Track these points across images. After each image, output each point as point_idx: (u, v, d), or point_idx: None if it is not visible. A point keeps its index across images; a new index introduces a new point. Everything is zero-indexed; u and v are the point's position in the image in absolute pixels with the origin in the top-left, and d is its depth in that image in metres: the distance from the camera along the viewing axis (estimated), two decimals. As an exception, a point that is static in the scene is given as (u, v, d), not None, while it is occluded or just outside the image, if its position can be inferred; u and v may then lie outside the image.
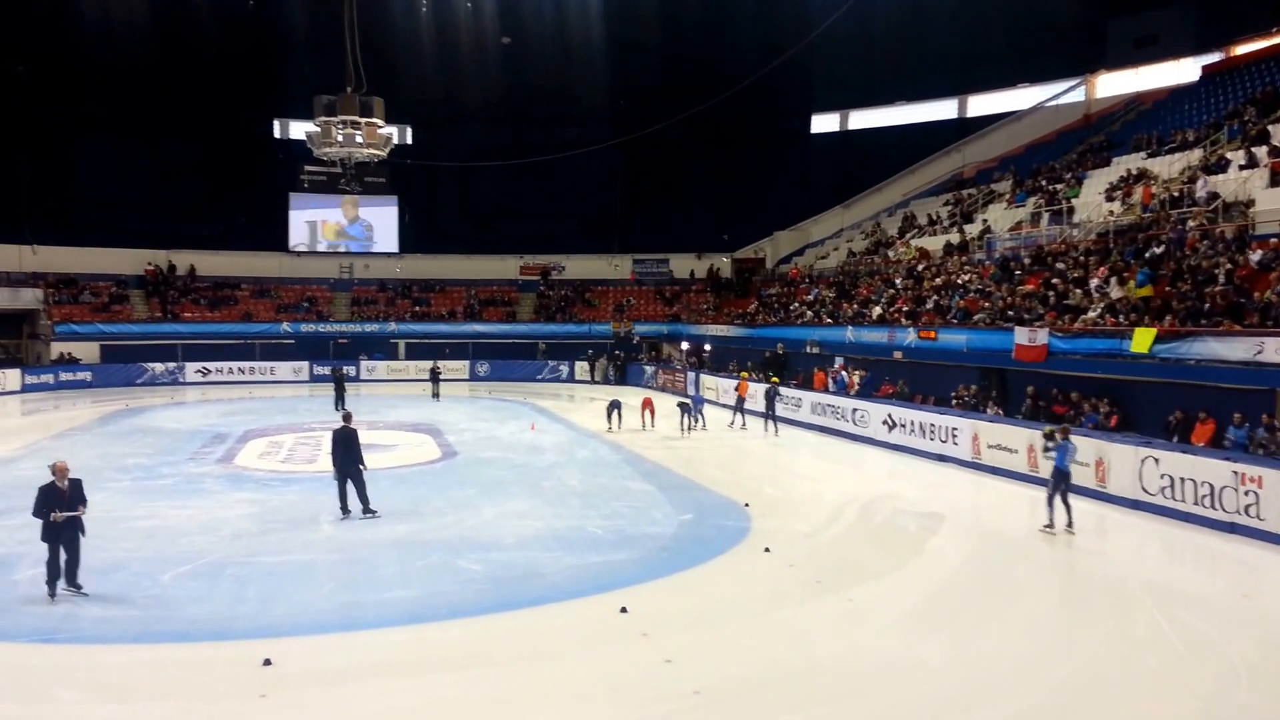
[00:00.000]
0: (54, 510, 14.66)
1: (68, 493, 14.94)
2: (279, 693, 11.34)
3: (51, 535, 14.78)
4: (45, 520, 14.74)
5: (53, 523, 14.70)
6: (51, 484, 14.88)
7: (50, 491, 14.84)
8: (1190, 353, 23.80)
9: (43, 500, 14.77)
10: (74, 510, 14.89)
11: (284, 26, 59.58)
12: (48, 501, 14.75)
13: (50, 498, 14.79)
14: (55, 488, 14.86)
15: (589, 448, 31.92)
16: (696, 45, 61.82)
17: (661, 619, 14.00)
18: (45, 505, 14.73)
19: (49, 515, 14.68)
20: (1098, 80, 53.47)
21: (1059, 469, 19.79)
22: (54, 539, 14.78)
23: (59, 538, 14.80)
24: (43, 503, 14.75)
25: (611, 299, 66.62)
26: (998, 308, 32.51)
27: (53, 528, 14.73)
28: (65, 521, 14.76)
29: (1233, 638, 13.36)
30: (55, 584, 14.83)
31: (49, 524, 14.73)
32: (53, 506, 14.69)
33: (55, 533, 14.77)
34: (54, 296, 57.90)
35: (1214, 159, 33.33)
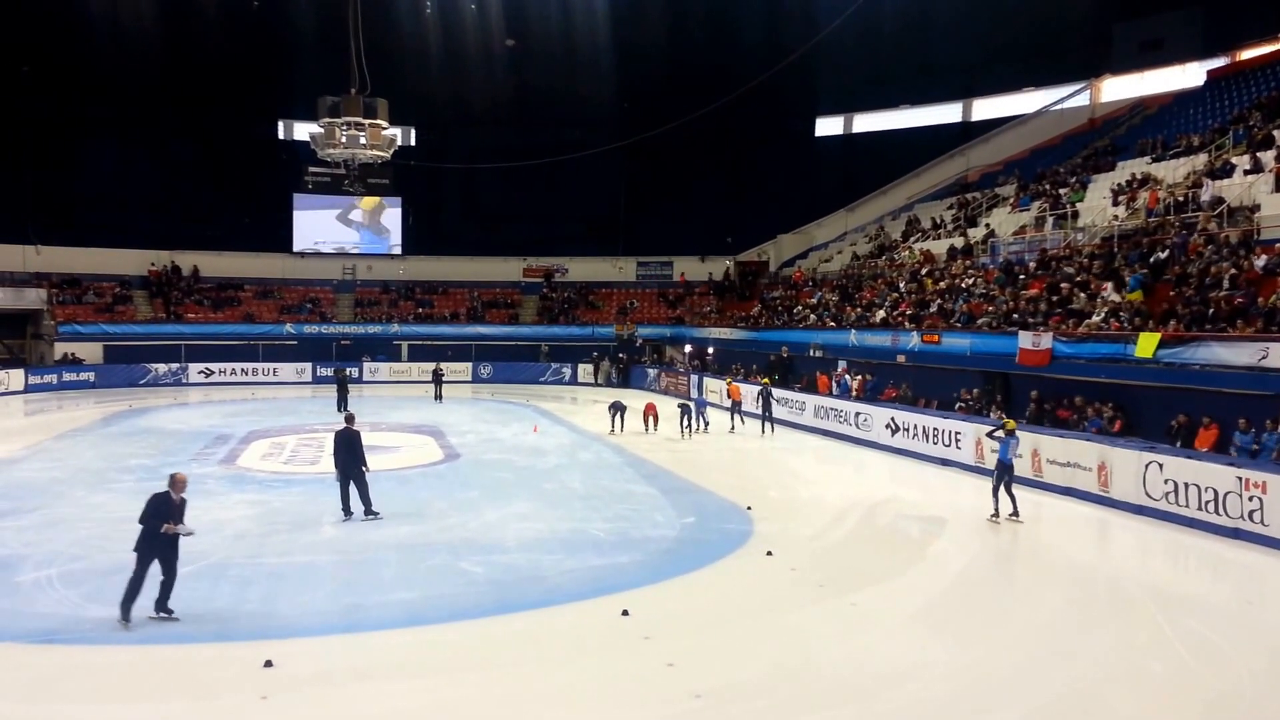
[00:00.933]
0: (166, 522, 13.70)
1: (180, 507, 14.04)
2: (280, 694, 11.32)
3: (149, 548, 13.66)
4: (154, 531, 13.66)
5: (161, 535, 13.64)
6: (166, 494, 13.89)
7: (165, 501, 13.82)
8: (1194, 358, 23.79)
9: (155, 510, 13.71)
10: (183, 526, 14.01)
11: (288, 27, 59.51)
12: (160, 512, 13.71)
13: (163, 508, 13.76)
14: (170, 499, 13.87)
15: (591, 450, 31.90)
16: (701, 47, 61.75)
17: (664, 622, 13.98)
18: (158, 515, 13.67)
19: (160, 526, 13.64)
20: (1103, 84, 53.44)
21: (1002, 461, 21.02)
22: (150, 553, 13.65)
23: (156, 552, 13.69)
24: (154, 512, 13.69)
25: (615, 301, 66.64)
26: (1001, 312, 32.48)
27: (153, 540, 13.64)
28: (169, 538, 13.76)
29: (1237, 644, 13.32)
30: (132, 605, 13.60)
31: (154, 535, 13.67)
32: (165, 518, 13.70)
33: (155, 546, 13.69)
34: (58, 297, 57.92)
35: (1219, 164, 33.29)
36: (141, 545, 13.64)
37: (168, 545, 13.73)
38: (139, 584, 13.59)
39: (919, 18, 57.29)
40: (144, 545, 13.64)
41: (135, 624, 13.56)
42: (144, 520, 13.66)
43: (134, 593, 13.57)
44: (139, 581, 13.59)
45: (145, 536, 13.64)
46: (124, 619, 13.52)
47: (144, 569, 13.61)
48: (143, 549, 13.63)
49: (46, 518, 20.43)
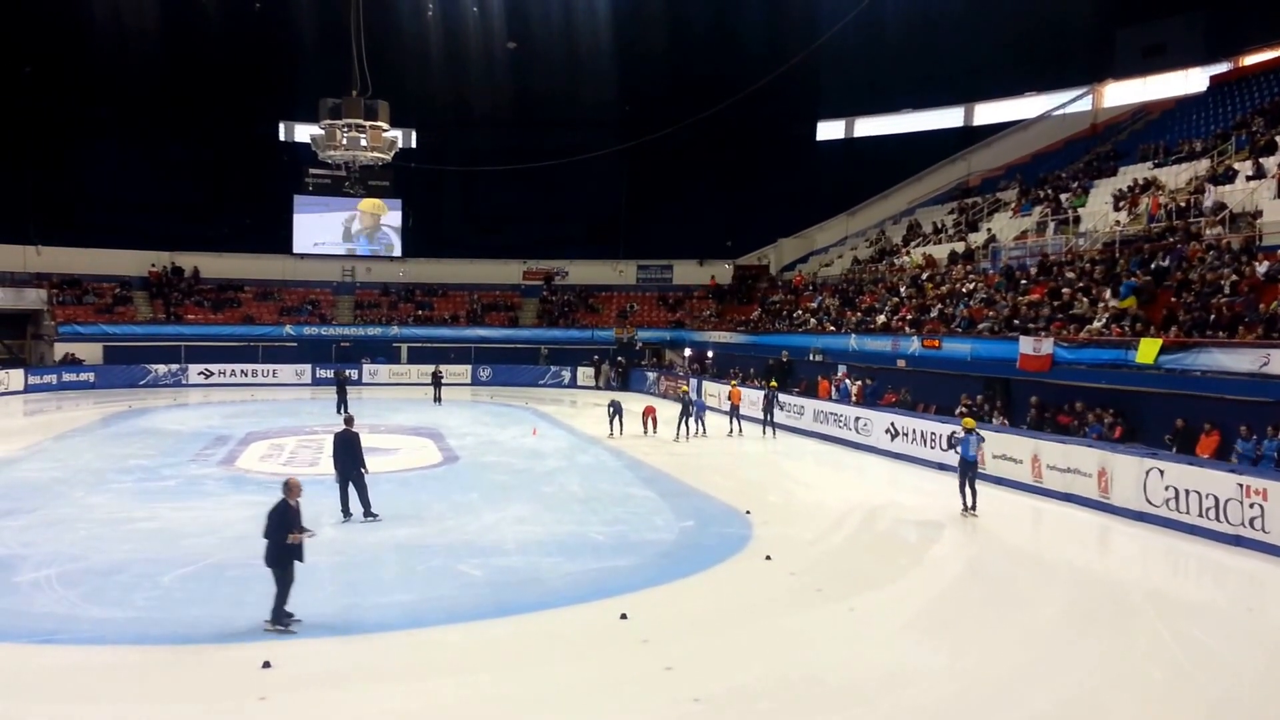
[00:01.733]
0: (292, 531, 13.49)
1: (298, 512, 13.81)
2: (278, 695, 11.32)
3: (286, 558, 13.49)
4: (281, 543, 13.43)
5: (290, 545, 13.44)
6: (284, 502, 13.66)
7: (286, 511, 13.60)
8: (1196, 364, 23.73)
9: (280, 521, 13.48)
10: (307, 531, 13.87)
11: (290, 29, 59.53)
12: (285, 522, 13.49)
13: (287, 518, 13.55)
14: (289, 506, 13.67)
15: (590, 453, 31.90)
16: (703, 51, 61.75)
17: (662, 626, 13.97)
18: (284, 527, 13.45)
19: (286, 537, 13.40)
20: (1105, 89, 53.44)
21: (964, 458, 22.32)
22: (288, 561, 13.51)
23: (289, 560, 13.55)
24: (280, 524, 13.46)
25: (614, 304, 66.62)
26: (1002, 317, 32.45)
27: (283, 551, 13.44)
28: (294, 546, 13.54)
29: (1237, 650, 13.33)
30: (285, 611, 13.57)
31: (285, 546, 13.44)
32: (289, 527, 13.49)
33: (287, 556, 13.51)
34: (58, 297, 57.92)
35: (1221, 169, 33.27)
36: (275, 558, 13.45)
37: (298, 552, 13.60)
38: (287, 591, 13.51)
39: (921, 22, 57.32)
40: (277, 558, 13.45)
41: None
42: (270, 534, 13.47)
43: (285, 600, 13.52)
44: (288, 589, 13.50)
45: (274, 548, 13.46)
46: (286, 625, 13.48)
47: (290, 575, 13.51)
48: (277, 562, 13.45)
49: (45, 518, 20.43)
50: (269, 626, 13.41)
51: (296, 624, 13.49)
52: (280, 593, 13.47)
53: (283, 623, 13.48)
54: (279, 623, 13.47)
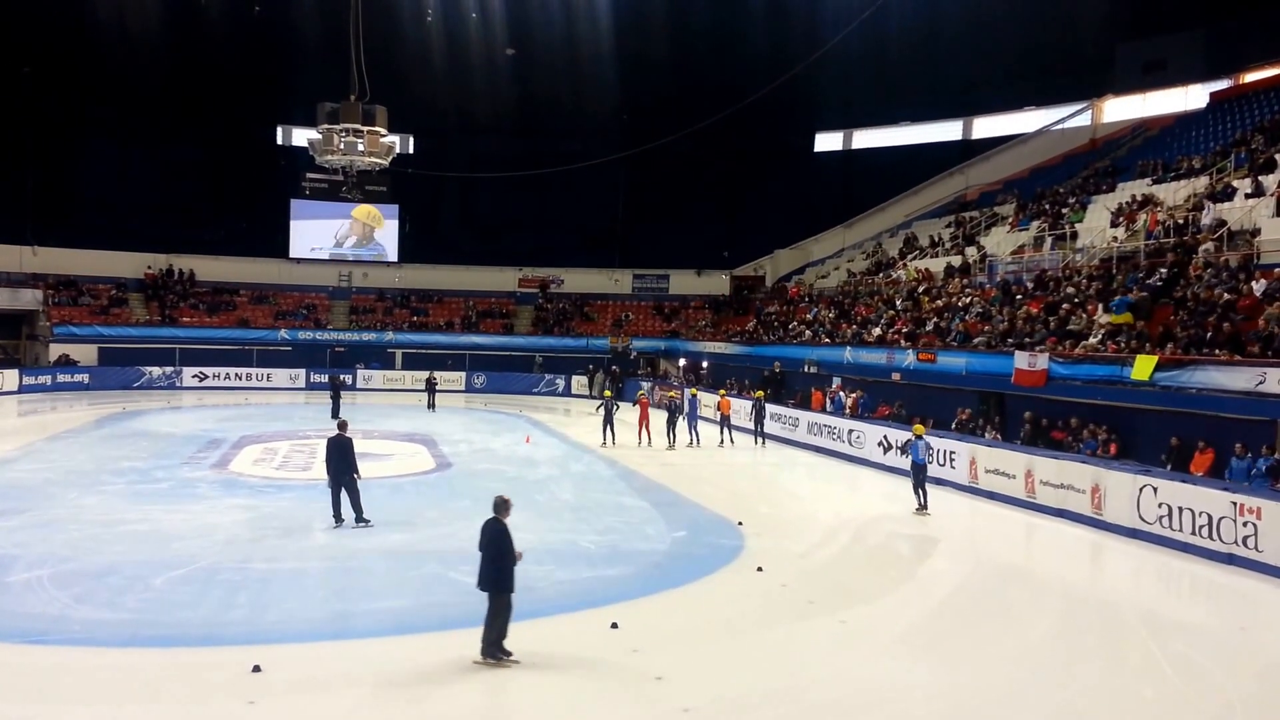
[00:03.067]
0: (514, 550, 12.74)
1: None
2: (268, 699, 11.27)
3: (507, 583, 12.65)
4: (507, 565, 12.62)
5: (512, 567, 12.68)
6: (500, 520, 12.95)
7: (507, 530, 12.89)
8: (1191, 381, 23.69)
9: (505, 541, 12.75)
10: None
11: (289, 33, 59.45)
12: (509, 542, 12.77)
13: (509, 537, 12.82)
14: (505, 525, 12.97)
15: (583, 462, 31.88)
16: (702, 61, 61.87)
17: (652, 636, 13.94)
18: (509, 548, 12.72)
19: (512, 559, 12.67)
20: (1105, 105, 53.53)
21: (915, 462, 24.14)
22: (511, 587, 12.70)
23: (511, 585, 12.71)
24: (506, 544, 12.72)
25: (610, 313, 66.67)
26: (998, 331, 32.46)
27: (509, 573, 12.65)
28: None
29: (1228, 670, 13.29)
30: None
31: (509, 569, 12.65)
32: (513, 547, 12.74)
33: (512, 579, 12.70)
34: (53, 298, 57.89)
35: (1220, 186, 33.30)
36: (493, 581, 12.60)
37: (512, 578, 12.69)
38: (508, 620, 12.66)
39: (921, 35, 57.27)
40: (498, 580, 12.59)
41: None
42: (495, 556, 12.66)
43: (505, 631, 12.66)
44: (509, 617, 12.67)
45: (495, 571, 12.61)
46: (502, 659, 12.54)
47: (510, 602, 12.69)
48: (503, 584, 12.61)
49: (38, 519, 20.38)
50: (482, 660, 12.51)
51: (514, 662, 12.54)
52: (501, 622, 12.59)
53: (497, 656, 12.53)
54: (494, 655, 12.55)
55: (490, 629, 12.57)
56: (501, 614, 12.59)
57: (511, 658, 12.55)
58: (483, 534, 12.92)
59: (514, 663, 12.51)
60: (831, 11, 52.65)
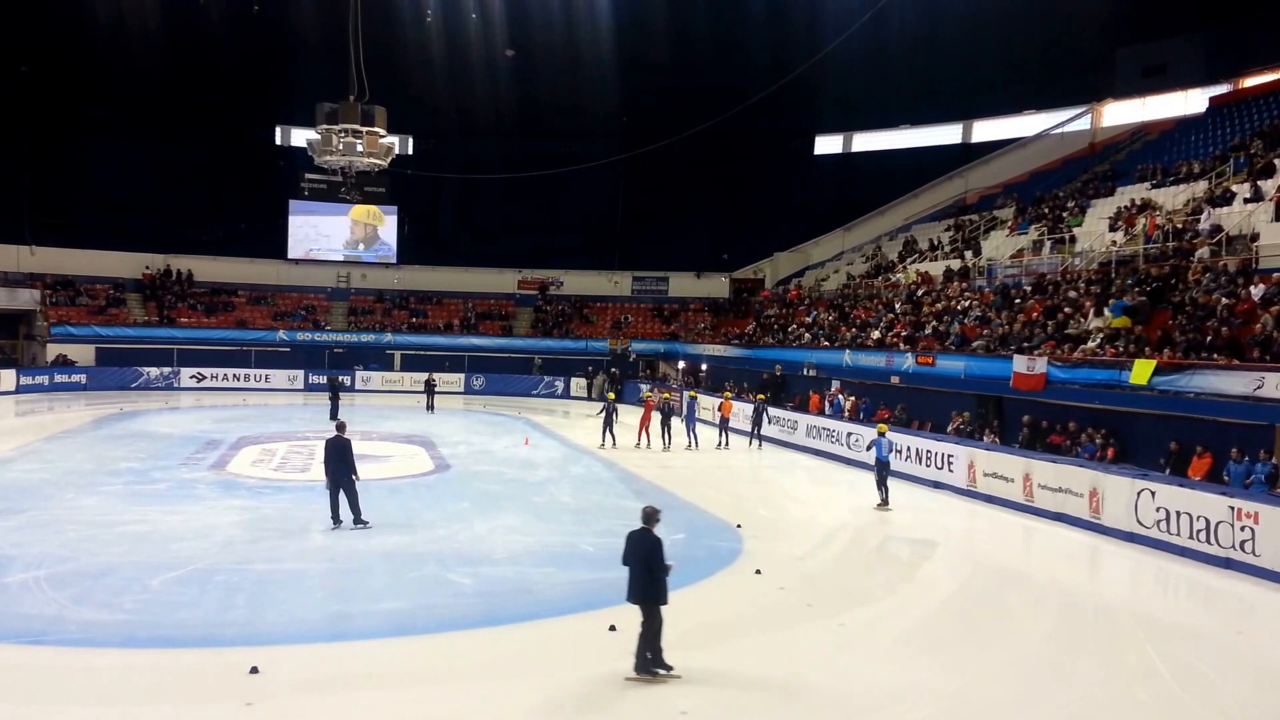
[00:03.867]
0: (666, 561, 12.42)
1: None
2: (266, 701, 11.25)
3: (661, 594, 12.31)
4: (661, 576, 12.32)
5: (665, 578, 12.35)
6: (651, 531, 12.64)
7: (659, 541, 12.57)
8: (1190, 385, 23.68)
9: (658, 552, 12.39)
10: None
11: (288, 32, 59.48)
12: (661, 552, 12.42)
13: (661, 547, 12.49)
14: (656, 535, 12.65)
15: (583, 464, 31.87)
16: (702, 63, 61.71)
17: (651, 638, 13.88)
18: (662, 558, 12.37)
19: (666, 570, 12.35)
20: (1104, 109, 53.48)
21: (878, 459, 25.11)
22: (664, 599, 12.34)
23: (664, 598, 12.36)
24: (659, 555, 12.36)
25: (609, 315, 66.59)
26: (997, 335, 32.46)
27: (663, 585, 12.32)
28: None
29: (1225, 674, 13.30)
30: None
31: (662, 581, 12.33)
32: (664, 557, 12.41)
33: (664, 591, 12.36)
34: (51, 298, 57.74)
35: (1219, 191, 33.30)
36: (647, 593, 12.21)
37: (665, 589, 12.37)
38: (661, 632, 12.23)
39: (922, 38, 57.19)
40: (653, 592, 12.23)
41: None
42: (650, 567, 12.25)
43: (660, 637, 12.25)
44: (661, 629, 12.22)
45: (649, 581, 12.23)
46: (658, 673, 12.18)
47: (661, 615, 12.27)
48: (658, 595, 12.24)
49: (35, 519, 20.34)
50: (636, 677, 12.17)
51: (675, 677, 12.21)
52: (655, 635, 12.19)
53: (652, 671, 12.19)
54: (650, 671, 12.20)
55: (646, 643, 12.21)
56: (656, 627, 12.20)
57: (672, 671, 12.22)
58: (632, 546, 12.54)
59: (675, 677, 12.18)
60: (832, 14, 52.80)
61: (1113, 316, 28.31)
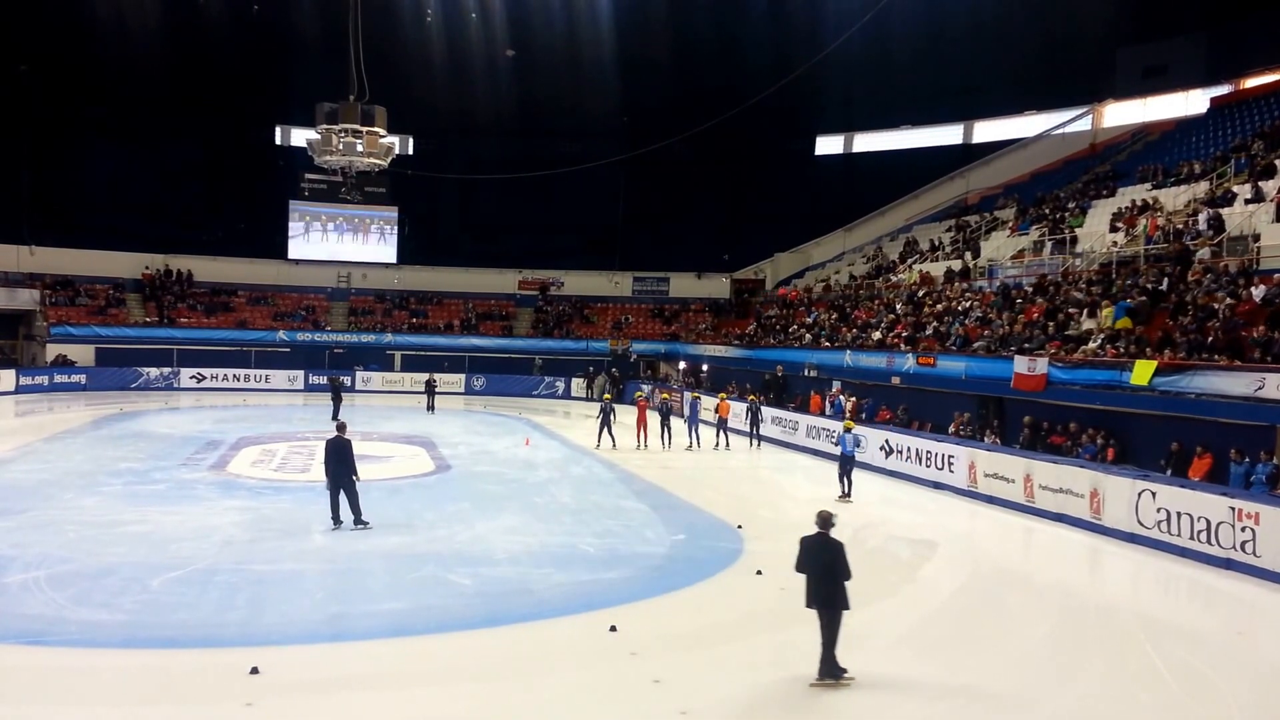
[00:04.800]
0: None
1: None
2: (265, 701, 11.23)
3: (843, 600, 12.18)
4: (842, 582, 12.17)
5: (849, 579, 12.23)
6: (831, 535, 12.43)
7: (842, 546, 12.42)
8: (1191, 386, 23.64)
9: (843, 558, 12.28)
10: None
11: (288, 32, 59.42)
12: (845, 558, 12.30)
13: (845, 553, 12.36)
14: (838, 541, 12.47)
15: (583, 465, 31.84)
16: (703, 63, 61.73)
17: (651, 639, 13.91)
18: (846, 564, 12.27)
19: (848, 575, 12.21)
20: (1105, 110, 53.54)
21: (843, 453, 26.44)
22: (846, 605, 12.20)
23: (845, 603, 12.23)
24: (845, 560, 12.27)
25: (610, 316, 66.59)
26: (997, 335, 32.42)
27: (844, 591, 12.18)
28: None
29: (1226, 675, 13.26)
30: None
31: (843, 586, 12.17)
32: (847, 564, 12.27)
33: (845, 596, 12.22)
34: (50, 298, 57.70)
35: (1220, 192, 33.27)
36: (830, 599, 12.11)
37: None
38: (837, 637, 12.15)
39: (923, 39, 57.16)
40: (836, 597, 12.12)
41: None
42: (837, 573, 12.16)
43: (835, 644, 12.14)
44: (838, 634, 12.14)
45: (832, 587, 12.11)
46: (840, 677, 12.11)
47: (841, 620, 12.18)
48: (840, 601, 12.15)
49: (35, 519, 20.32)
50: (820, 682, 12.11)
51: (851, 679, 12.15)
52: (834, 639, 12.11)
53: (837, 675, 12.12)
54: (835, 675, 12.13)
55: (830, 649, 12.13)
56: (837, 631, 12.12)
57: (847, 674, 12.16)
58: (811, 552, 12.44)
59: (850, 680, 12.14)
60: (833, 14, 52.75)
61: (1115, 318, 28.27)
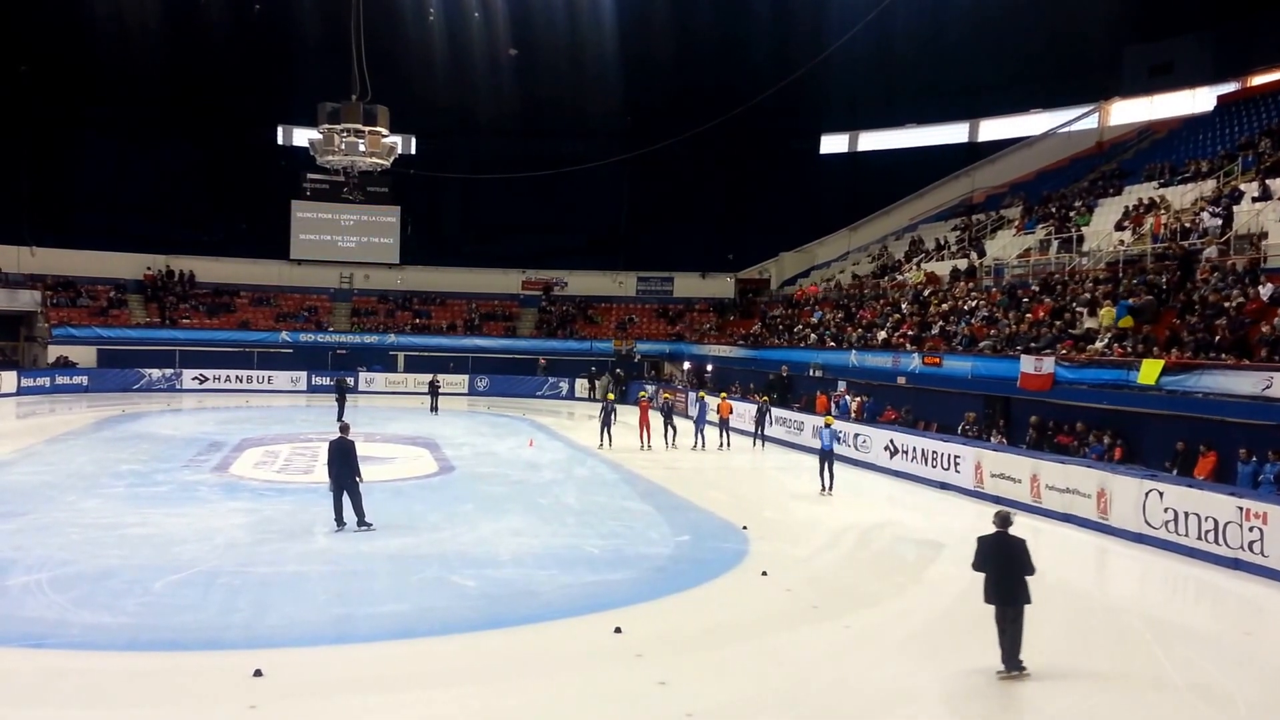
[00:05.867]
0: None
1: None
2: (269, 704, 11.19)
3: (1028, 597, 12.52)
4: (1027, 578, 12.56)
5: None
6: (1006, 533, 12.78)
7: (1025, 543, 12.73)
8: (1198, 385, 23.53)
9: (1028, 554, 12.65)
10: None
11: (290, 32, 59.48)
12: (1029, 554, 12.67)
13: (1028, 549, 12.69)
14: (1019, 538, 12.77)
15: (587, 466, 31.76)
16: (707, 62, 61.63)
17: (656, 640, 13.82)
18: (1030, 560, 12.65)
19: (1033, 571, 12.59)
20: (1111, 107, 53.27)
21: (824, 448, 27.13)
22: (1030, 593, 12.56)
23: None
24: (1029, 556, 12.65)
25: (614, 316, 66.57)
26: (1004, 335, 32.31)
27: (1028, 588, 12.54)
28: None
29: (1233, 675, 13.14)
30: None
31: (1026, 583, 12.54)
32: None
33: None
34: (52, 299, 57.74)
35: (1227, 190, 33.11)
36: (1024, 596, 12.47)
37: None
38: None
39: (927, 37, 57.08)
40: (1024, 591, 12.50)
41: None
42: (1024, 565, 12.53)
43: (1021, 637, 12.50)
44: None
45: (1022, 586, 12.46)
46: (1023, 668, 12.48)
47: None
48: (1027, 598, 12.51)
49: (37, 522, 20.26)
50: (1007, 674, 12.38)
51: (1028, 674, 12.44)
52: (1020, 633, 12.44)
53: (1021, 667, 12.42)
54: (1019, 667, 12.44)
55: (1016, 642, 12.42)
56: (1021, 625, 12.43)
57: (1025, 669, 12.43)
58: (990, 550, 12.77)
59: (1027, 675, 12.40)
60: (837, 13, 52.65)
61: (1116, 317, 28.17)
